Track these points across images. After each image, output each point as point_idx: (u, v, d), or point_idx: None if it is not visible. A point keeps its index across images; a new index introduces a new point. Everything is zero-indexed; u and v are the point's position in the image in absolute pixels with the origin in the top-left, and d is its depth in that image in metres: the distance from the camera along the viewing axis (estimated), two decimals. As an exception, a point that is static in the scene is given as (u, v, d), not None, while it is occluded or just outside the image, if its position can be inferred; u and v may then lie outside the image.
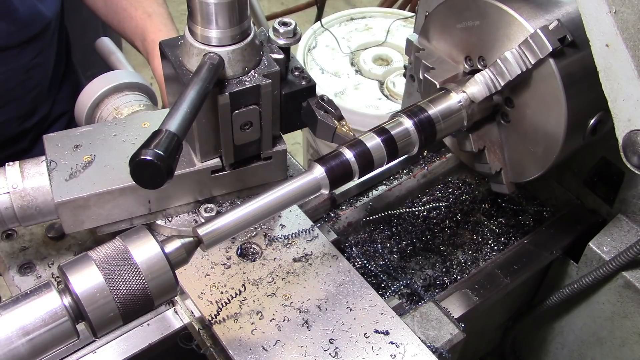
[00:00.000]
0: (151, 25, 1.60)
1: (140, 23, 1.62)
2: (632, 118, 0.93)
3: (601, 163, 1.26)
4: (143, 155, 0.82)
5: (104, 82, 1.40)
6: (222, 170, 1.14)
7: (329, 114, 1.11)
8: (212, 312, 1.04)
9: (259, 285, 1.09)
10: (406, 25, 2.51)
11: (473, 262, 1.34)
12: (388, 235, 1.36)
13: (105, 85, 1.39)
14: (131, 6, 1.64)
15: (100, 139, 1.14)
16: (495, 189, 1.19)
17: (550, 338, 1.45)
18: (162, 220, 1.16)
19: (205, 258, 1.12)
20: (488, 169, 1.15)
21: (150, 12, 1.63)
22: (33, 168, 1.07)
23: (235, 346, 1.00)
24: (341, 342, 1.01)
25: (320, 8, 3.15)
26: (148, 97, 1.44)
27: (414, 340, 1.02)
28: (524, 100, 1.06)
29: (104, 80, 1.40)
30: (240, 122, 1.06)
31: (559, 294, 1.27)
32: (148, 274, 0.83)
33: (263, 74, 1.04)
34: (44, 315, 0.80)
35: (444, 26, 1.15)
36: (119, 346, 1.08)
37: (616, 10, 0.88)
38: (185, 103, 0.89)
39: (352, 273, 1.11)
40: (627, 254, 1.12)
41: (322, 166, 0.96)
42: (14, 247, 1.20)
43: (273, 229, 1.18)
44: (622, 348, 1.28)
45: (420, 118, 1.06)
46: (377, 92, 2.29)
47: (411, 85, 1.40)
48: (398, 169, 1.42)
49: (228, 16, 0.97)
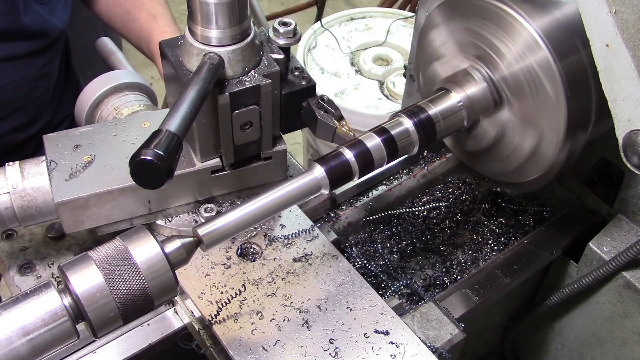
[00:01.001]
0: (156, 27, 1.60)
1: (145, 25, 1.62)
2: (632, 118, 0.93)
3: (601, 163, 1.26)
4: (143, 155, 0.82)
5: (104, 82, 1.40)
6: (222, 170, 1.14)
7: (329, 114, 1.11)
8: (212, 312, 1.04)
9: (259, 285, 1.09)
10: (406, 25, 2.51)
11: (473, 262, 1.34)
12: (388, 235, 1.36)
13: (105, 85, 1.39)
14: (135, 8, 1.65)
15: (100, 139, 1.14)
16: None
17: (550, 338, 1.45)
18: (162, 220, 1.16)
19: (205, 258, 1.12)
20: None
21: (154, 13, 1.63)
22: (33, 168, 1.07)
23: (235, 346, 1.00)
24: (341, 342, 1.01)
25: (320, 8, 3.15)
26: (148, 97, 1.44)
27: (414, 340, 1.02)
28: (524, 100, 1.06)
29: (104, 80, 1.40)
30: (240, 122, 1.06)
31: (559, 294, 1.27)
32: (148, 274, 0.83)
33: (263, 74, 1.04)
34: (44, 315, 0.80)
35: (444, 26, 1.15)
36: (119, 346, 1.08)
37: (616, 10, 0.88)
38: (185, 103, 0.89)
39: (352, 273, 1.11)
40: (627, 254, 1.12)
41: (322, 166, 0.96)
42: (14, 247, 1.20)
43: (273, 229, 1.18)
44: (622, 348, 1.28)
45: (420, 118, 1.06)
46: (377, 92, 2.29)
47: (411, 85, 1.40)
48: (398, 169, 1.41)
49: (228, 16, 0.97)
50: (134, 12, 1.64)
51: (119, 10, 1.67)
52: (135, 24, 1.64)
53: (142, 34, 1.63)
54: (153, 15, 1.63)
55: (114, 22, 1.71)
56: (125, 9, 1.66)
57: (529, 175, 1.13)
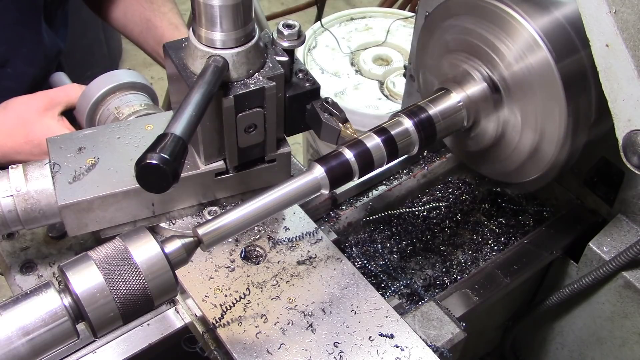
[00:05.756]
0: (179, 36, 1.62)
1: (167, 33, 1.65)
2: (632, 118, 0.93)
3: (601, 163, 1.26)
4: (149, 159, 0.81)
5: (105, 82, 1.40)
6: (226, 172, 1.13)
7: (334, 117, 1.10)
8: (216, 315, 1.04)
9: (263, 288, 1.09)
10: (406, 25, 2.51)
11: (473, 262, 1.34)
12: (388, 235, 1.36)
13: (106, 85, 1.39)
14: (155, 17, 1.68)
15: (104, 142, 1.14)
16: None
17: (550, 338, 1.45)
18: (166, 223, 1.16)
19: (209, 261, 1.12)
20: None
21: (175, 23, 1.68)
22: (36, 171, 1.07)
23: (240, 350, 1.00)
24: (346, 345, 1.01)
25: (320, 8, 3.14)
26: (149, 96, 1.44)
27: (418, 343, 1.02)
28: (524, 100, 1.06)
29: (105, 80, 1.40)
30: (245, 124, 1.05)
31: (559, 294, 1.27)
32: (148, 274, 0.83)
33: (267, 76, 1.03)
34: (44, 315, 0.80)
35: (444, 26, 1.15)
36: (119, 346, 1.08)
37: (616, 10, 0.89)
38: (190, 106, 0.89)
39: (357, 276, 1.11)
40: (627, 254, 1.12)
41: (322, 166, 0.96)
42: (15, 247, 1.20)
43: (277, 231, 1.18)
44: (622, 348, 1.28)
45: (420, 118, 1.06)
46: (377, 92, 2.29)
47: (411, 85, 1.41)
48: (398, 169, 1.42)
49: (232, 19, 0.96)
50: (155, 21, 1.68)
51: (138, 19, 1.70)
52: (156, 32, 1.67)
53: (163, 41, 1.66)
54: (175, 25, 1.67)
55: (131, 29, 1.74)
56: (146, 17, 1.69)
57: (529, 175, 1.13)
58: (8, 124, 1.37)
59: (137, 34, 1.73)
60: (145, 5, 1.70)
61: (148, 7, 1.69)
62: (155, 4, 1.70)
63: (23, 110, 1.37)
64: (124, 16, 1.73)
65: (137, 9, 1.71)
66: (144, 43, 1.73)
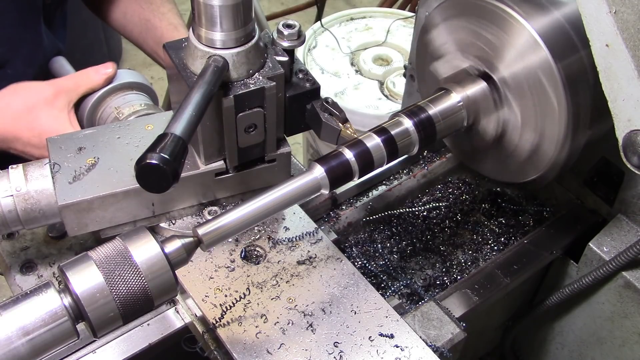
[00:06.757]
0: (178, 36, 1.62)
1: (166, 33, 1.65)
2: (632, 118, 0.93)
3: (601, 163, 1.26)
4: (149, 159, 0.81)
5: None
6: (226, 172, 1.13)
7: (334, 117, 1.10)
8: (216, 315, 1.04)
9: (263, 288, 1.09)
10: (406, 25, 2.51)
11: (473, 262, 1.34)
12: (388, 235, 1.36)
13: (106, 85, 1.39)
14: (155, 17, 1.68)
15: (104, 142, 1.14)
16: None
17: (550, 338, 1.45)
18: (166, 223, 1.16)
19: (209, 261, 1.12)
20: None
21: (175, 23, 1.67)
22: (36, 171, 1.07)
23: (240, 349, 1.00)
24: (346, 345, 1.01)
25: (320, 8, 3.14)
26: (149, 96, 1.45)
27: (418, 343, 1.02)
28: (524, 100, 1.06)
29: (105, 80, 1.40)
30: (245, 124, 1.05)
31: (559, 294, 1.27)
32: (148, 274, 0.83)
33: (267, 76, 1.03)
34: (44, 315, 0.80)
35: (444, 26, 1.15)
36: (119, 346, 1.08)
37: (616, 10, 0.89)
38: (190, 106, 0.89)
39: (357, 276, 1.11)
40: (627, 254, 1.12)
41: (322, 166, 0.96)
42: (15, 247, 1.20)
43: (277, 231, 1.18)
44: (622, 348, 1.28)
45: (420, 118, 1.06)
46: (377, 92, 2.29)
47: (411, 85, 1.41)
48: (398, 169, 1.42)
49: (232, 19, 0.96)
50: (154, 21, 1.68)
51: (138, 19, 1.70)
52: (156, 32, 1.67)
53: (163, 41, 1.66)
54: (174, 25, 1.67)
55: (130, 30, 1.74)
56: (145, 17, 1.69)
57: (529, 175, 1.13)
58: (14, 107, 1.35)
59: (136, 35, 1.73)
60: (144, 5, 1.70)
61: (147, 7, 1.70)
62: (155, 4, 1.70)
63: (31, 96, 1.36)
64: (123, 17, 1.74)
65: (136, 10, 1.71)
66: (143, 43, 1.73)
